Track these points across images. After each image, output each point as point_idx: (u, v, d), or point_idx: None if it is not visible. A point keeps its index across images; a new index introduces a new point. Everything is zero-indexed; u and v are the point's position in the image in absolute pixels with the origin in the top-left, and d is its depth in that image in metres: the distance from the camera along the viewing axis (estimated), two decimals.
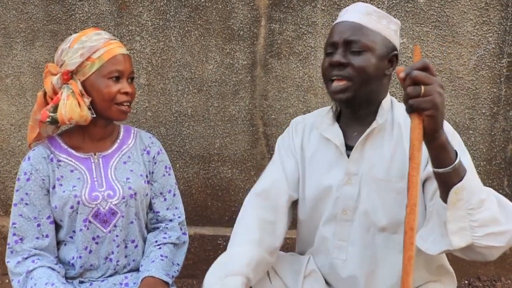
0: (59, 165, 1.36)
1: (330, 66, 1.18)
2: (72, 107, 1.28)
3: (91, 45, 1.30)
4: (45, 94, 1.37)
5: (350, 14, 1.19)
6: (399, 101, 1.28)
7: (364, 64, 1.13)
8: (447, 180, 0.93)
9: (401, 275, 0.89)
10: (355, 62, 1.14)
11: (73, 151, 1.39)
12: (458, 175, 0.92)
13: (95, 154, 1.40)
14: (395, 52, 1.19)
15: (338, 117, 1.32)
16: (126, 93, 1.34)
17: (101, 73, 1.30)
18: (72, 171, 1.36)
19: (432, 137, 0.90)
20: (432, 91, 0.86)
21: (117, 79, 1.33)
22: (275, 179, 1.32)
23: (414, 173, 0.88)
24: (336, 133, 1.26)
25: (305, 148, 1.34)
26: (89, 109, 1.32)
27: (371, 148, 1.21)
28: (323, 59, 1.23)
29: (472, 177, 0.95)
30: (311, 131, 1.34)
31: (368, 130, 1.20)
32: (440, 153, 0.92)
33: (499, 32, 2.13)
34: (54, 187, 1.35)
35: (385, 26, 1.17)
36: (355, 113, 1.24)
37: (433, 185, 1.07)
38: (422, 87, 0.87)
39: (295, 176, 1.33)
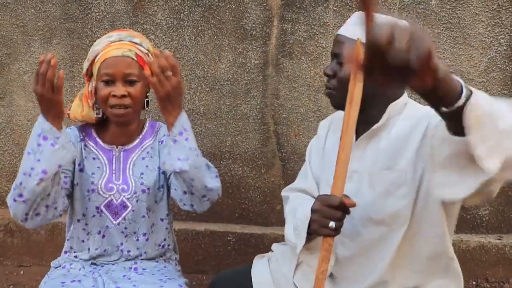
0: (85, 149, 1.44)
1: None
2: (75, 108, 1.41)
3: (95, 49, 1.37)
4: None
5: (342, 27, 1.24)
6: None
7: (345, 76, 1.16)
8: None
9: None
10: (339, 74, 1.19)
11: (99, 141, 1.46)
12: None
13: (117, 147, 1.46)
14: None
15: None
16: (115, 96, 1.33)
17: (98, 76, 1.36)
18: (94, 158, 1.44)
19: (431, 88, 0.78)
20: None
21: (110, 82, 1.34)
22: (308, 182, 1.41)
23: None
24: None
25: (327, 145, 1.39)
26: (97, 108, 1.40)
27: (374, 146, 1.23)
28: None
29: (478, 91, 0.84)
30: (335, 131, 1.37)
31: (366, 133, 1.23)
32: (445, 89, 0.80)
33: (511, 34, 2.13)
34: (79, 165, 1.42)
35: None
36: (359, 116, 1.24)
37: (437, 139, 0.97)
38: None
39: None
